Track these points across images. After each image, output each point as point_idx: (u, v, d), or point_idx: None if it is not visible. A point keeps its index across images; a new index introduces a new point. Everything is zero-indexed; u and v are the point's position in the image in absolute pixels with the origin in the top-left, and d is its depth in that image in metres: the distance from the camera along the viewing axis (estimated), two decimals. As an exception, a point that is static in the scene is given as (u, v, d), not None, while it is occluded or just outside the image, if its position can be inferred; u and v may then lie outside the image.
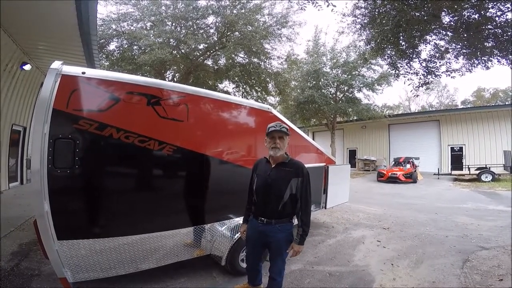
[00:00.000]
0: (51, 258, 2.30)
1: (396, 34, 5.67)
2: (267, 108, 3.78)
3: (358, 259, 4.07)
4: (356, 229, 5.68)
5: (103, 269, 2.55)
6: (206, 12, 13.05)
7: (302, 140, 4.60)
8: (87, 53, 7.72)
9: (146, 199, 2.79)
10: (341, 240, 4.97)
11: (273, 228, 2.36)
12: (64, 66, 2.36)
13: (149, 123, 2.67)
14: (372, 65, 17.54)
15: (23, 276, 3.13)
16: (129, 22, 13.34)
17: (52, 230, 2.26)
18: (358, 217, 6.75)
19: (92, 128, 2.38)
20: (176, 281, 3.19)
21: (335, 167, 5.32)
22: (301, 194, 2.34)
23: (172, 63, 13.34)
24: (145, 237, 2.73)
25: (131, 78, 2.64)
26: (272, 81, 15.41)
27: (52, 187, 2.23)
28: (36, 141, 2.19)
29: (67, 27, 6.29)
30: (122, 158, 2.62)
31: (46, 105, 2.20)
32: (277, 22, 13.81)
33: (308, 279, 3.39)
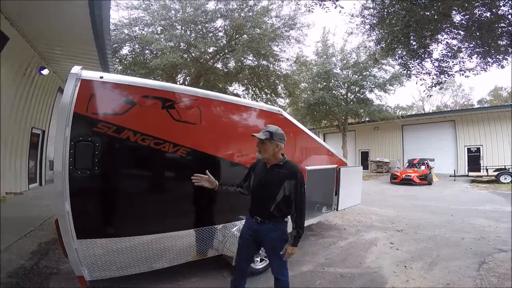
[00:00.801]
0: (70, 257, 2.40)
1: (406, 34, 5.65)
2: (277, 110, 3.85)
3: (370, 261, 4.07)
4: (368, 231, 5.66)
5: (118, 268, 2.63)
6: (214, 15, 13.26)
7: (313, 142, 4.63)
8: (101, 58, 7.98)
9: (161, 200, 2.87)
10: (353, 242, 4.96)
11: (267, 226, 2.40)
12: (83, 71, 2.47)
13: (163, 126, 2.77)
14: (384, 65, 17.37)
15: (42, 275, 3.22)
16: (140, 26, 13.68)
17: (72, 229, 2.36)
18: (371, 219, 6.71)
19: (110, 131, 2.49)
20: (188, 280, 3.27)
21: (347, 169, 5.33)
22: (295, 197, 2.37)
23: (183, 66, 13.58)
24: (159, 237, 2.81)
25: (146, 82, 2.75)
26: (281, 83, 15.47)
27: (72, 188, 2.33)
28: (58, 143, 2.30)
29: (82, 31, 6.53)
30: (138, 160, 2.72)
31: (67, 109, 2.31)
32: (284, 24, 13.91)
33: (318, 281, 3.42)
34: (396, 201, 9.52)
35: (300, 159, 4.25)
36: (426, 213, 7.36)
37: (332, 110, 18.28)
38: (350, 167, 5.69)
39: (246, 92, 16.75)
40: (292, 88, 15.58)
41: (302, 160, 4.28)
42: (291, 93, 15.99)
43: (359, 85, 18.34)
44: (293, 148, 4.14)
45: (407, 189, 12.79)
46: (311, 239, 5.07)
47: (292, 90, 15.74)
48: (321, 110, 19.40)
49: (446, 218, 6.75)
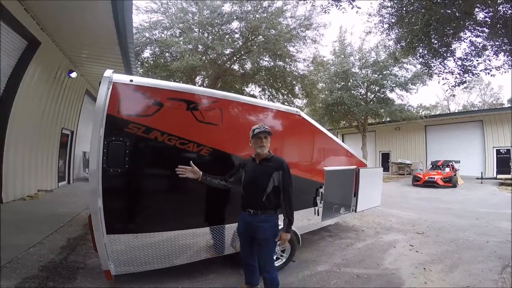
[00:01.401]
0: (99, 251, 2.54)
1: (427, 33, 5.55)
2: (295, 111, 3.93)
3: (388, 262, 4.08)
4: (387, 233, 5.63)
5: (141, 263, 2.76)
6: (230, 17, 13.48)
7: (331, 142, 4.66)
8: (125, 60, 8.31)
9: (184, 198, 3.02)
10: (371, 243, 4.97)
11: (259, 218, 2.62)
12: (114, 74, 2.63)
13: (188, 126, 2.92)
14: (405, 64, 16.96)
15: (70, 269, 3.41)
16: (159, 30, 14.12)
17: (103, 225, 2.51)
18: (391, 221, 6.65)
19: (140, 132, 2.65)
20: (206, 277, 3.37)
21: (366, 170, 5.32)
22: (283, 186, 2.63)
23: (202, 68, 13.88)
24: (181, 233, 2.93)
25: (172, 85, 2.92)
26: (298, 84, 15.47)
27: (105, 185, 2.50)
28: (94, 143, 2.46)
29: (107, 35, 6.87)
30: (165, 159, 2.86)
31: (101, 110, 2.48)
32: (300, 25, 13.93)
33: (334, 280, 3.47)
34: (418, 204, 9.34)
35: (318, 160, 4.29)
36: (449, 216, 7.19)
37: (351, 110, 18.01)
38: (369, 168, 5.66)
39: (262, 93, 16.90)
40: (310, 88, 15.53)
41: (320, 161, 4.32)
42: (308, 93, 15.93)
43: (379, 84, 17.97)
44: (312, 149, 4.19)
45: (430, 192, 12.48)
46: (328, 239, 5.12)
47: (310, 90, 15.68)
48: (339, 111, 19.19)
49: (470, 221, 6.58)
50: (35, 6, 5.95)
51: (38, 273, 3.18)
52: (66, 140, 10.07)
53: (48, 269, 3.30)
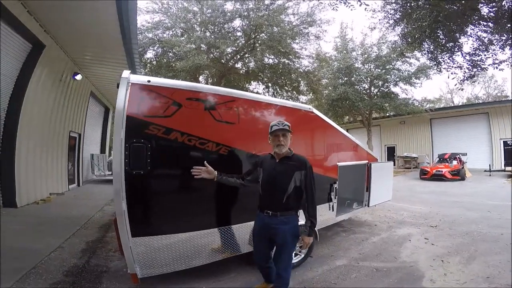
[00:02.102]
0: (126, 255, 2.55)
1: (434, 29, 5.58)
2: (308, 108, 3.98)
3: (405, 255, 4.12)
4: (400, 227, 5.67)
5: (165, 265, 2.76)
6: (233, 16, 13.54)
7: (344, 138, 4.70)
8: (130, 62, 8.30)
9: (204, 198, 3.01)
10: (385, 237, 5.01)
11: (278, 219, 2.47)
12: (131, 75, 2.62)
13: (207, 126, 2.93)
14: (408, 59, 16.99)
15: (94, 273, 3.41)
16: (161, 30, 14.19)
17: (128, 227, 2.51)
18: (402, 215, 6.69)
19: (160, 133, 2.64)
20: (227, 275, 3.38)
21: (377, 165, 5.36)
22: (305, 187, 2.48)
23: (206, 67, 13.93)
24: (205, 233, 2.96)
25: (190, 85, 2.93)
26: (304, 80, 15.50)
27: (128, 188, 2.49)
28: (116, 145, 2.49)
29: (111, 36, 6.86)
30: (186, 159, 2.85)
31: (121, 112, 2.47)
32: (303, 21, 13.96)
33: (354, 274, 3.51)
34: (427, 197, 9.36)
35: (332, 155, 4.33)
36: (460, 209, 7.21)
37: (356, 105, 18.08)
38: (380, 163, 5.72)
39: (266, 90, 16.96)
40: (316, 85, 15.56)
41: (334, 156, 4.36)
42: (314, 90, 15.96)
43: (382, 79, 18.02)
44: (325, 145, 4.23)
45: (438, 185, 12.48)
46: (342, 234, 5.17)
47: (316, 87, 15.72)
48: (343, 106, 19.24)
49: (482, 214, 6.61)
50: (38, 8, 5.91)
51: (63, 278, 3.20)
52: (74, 143, 10.17)
53: (73, 274, 3.34)
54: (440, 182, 13.53)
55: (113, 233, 4.94)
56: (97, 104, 13.36)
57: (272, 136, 2.58)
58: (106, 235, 4.91)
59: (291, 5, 13.88)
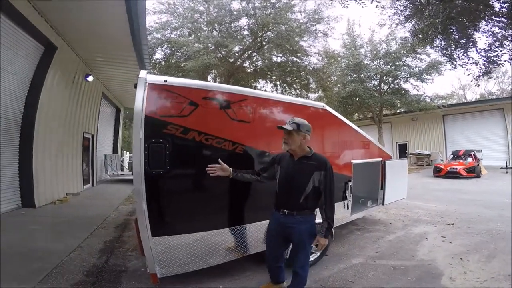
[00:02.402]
0: (146, 254, 2.57)
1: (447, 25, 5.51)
2: (322, 105, 3.96)
3: (422, 253, 4.08)
4: (416, 225, 5.61)
5: (183, 264, 2.78)
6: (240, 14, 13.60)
7: (358, 135, 4.67)
8: (140, 63, 8.37)
9: (221, 196, 3.03)
10: (401, 236, 4.97)
11: (295, 219, 2.44)
12: (148, 76, 2.64)
13: (223, 125, 2.95)
14: (418, 55, 16.87)
15: (113, 272, 3.44)
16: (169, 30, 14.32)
17: (148, 227, 2.53)
18: (417, 213, 6.61)
19: (178, 132, 2.67)
20: (243, 274, 3.38)
21: (392, 162, 5.32)
22: (324, 188, 2.44)
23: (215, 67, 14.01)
24: (223, 231, 2.98)
25: (204, 84, 2.95)
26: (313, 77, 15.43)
27: (148, 187, 2.51)
28: (136, 145, 2.51)
29: (121, 37, 6.91)
30: (203, 158, 2.85)
31: (140, 112, 2.49)
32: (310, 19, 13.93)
33: (371, 272, 3.49)
34: (442, 195, 9.23)
35: (346, 153, 4.31)
36: (477, 207, 7.08)
37: (366, 102, 17.93)
38: (395, 160, 5.67)
39: (274, 89, 16.96)
40: (326, 82, 15.48)
41: (348, 154, 4.34)
42: (324, 87, 15.88)
43: (392, 75, 17.83)
44: (339, 143, 4.22)
45: (453, 183, 12.27)
46: (356, 233, 5.14)
47: (327, 84, 15.64)
48: (353, 103, 19.09)
49: (500, 212, 6.47)
50: (48, 10, 5.99)
51: (84, 278, 3.26)
52: (88, 144, 10.37)
53: (93, 273, 3.39)
54: (455, 179, 13.29)
55: (129, 233, 5.07)
56: (109, 105, 13.58)
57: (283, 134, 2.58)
58: (122, 235, 4.99)
59: (297, 3, 13.92)
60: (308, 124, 2.53)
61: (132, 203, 7.87)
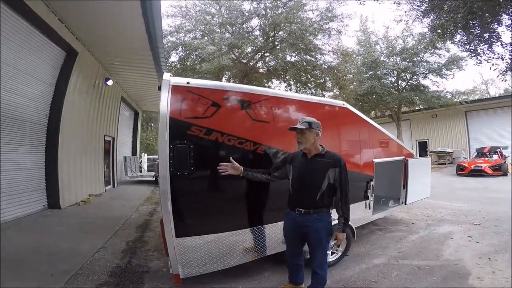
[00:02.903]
0: (171, 255, 2.59)
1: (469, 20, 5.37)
2: (342, 104, 3.94)
3: (448, 253, 4.01)
4: (440, 225, 5.50)
5: (205, 264, 2.80)
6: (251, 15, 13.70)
7: (379, 133, 4.62)
8: (157, 66, 8.48)
9: (243, 197, 3.05)
10: (425, 235, 4.89)
11: (312, 217, 2.46)
12: (172, 78, 2.67)
13: (244, 126, 2.99)
14: (438, 50, 16.50)
15: (136, 273, 3.51)
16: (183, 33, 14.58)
17: (172, 228, 2.56)
18: (441, 213, 6.46)
19: (202, 134, 2.71)
20: (261, 275, 3.38)
21: (414, 160, 5.23)
22: (340, 185, 2.47)
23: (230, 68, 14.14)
24: (244, 232, 3.00)
25: (225, 85, 3.03)
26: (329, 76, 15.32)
27: (173, 188, 2.55)
28: (161, 147, 2.55)
29: (137, 41, 6.97)
30: (226, 159, 2.79)
31: (165, 114, 2.55)
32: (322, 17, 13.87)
33: (395, 272, 3.46)
34: (467, 194, 8.97)
35: (368, 152, 4.27)
36: (506, 207, 6.80)
37: (384, 99, 17.64)
38: (418, 159, 5.58)
39: (288, 88, 16.93)
40: (343, 80, 15.33)
41: (370, 153, 4.29)
42: (341, 85, 15.72)
43: (410, 71, 17.48)
44: (360, 141, 4.19)
45: (478, 181, 11.87)
46: (377, 233, 5.09)
47: (344, 82, 15.49)
48: (370, 101, 18.83)
49: (530, 210, 6.24)
50: (68, 16, 6.15)
51: (108, 279, 3.33)
52: (108, 147, 10.73)
53: (116, 274, 3.47)
54: (480, 178, 12.85)
55: (150, 233, 5.22)
56: (127, 108, 13.96)
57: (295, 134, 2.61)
58: (144, 235, 5.12)
59: (308, 2, 13.87)
60: (318, 122, 2.59)
61: (151, 204, 8.11)
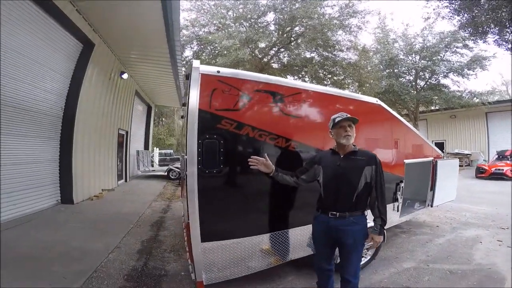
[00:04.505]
0: (196, 261, 2.41)
1: None
2: (375, 100, 3.84)
3: (479, 258, 3.96)
4: (466, 228, 5.43)
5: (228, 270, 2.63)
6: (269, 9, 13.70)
7: (410, 132, 4.52)
8: (172, 60, 8.33)
9: (274, 198, 2.88)
10: (452, 239, 4.83)
11: (347, 221, 2.31)
12: (202, 66, 2.47)
13: (276, 120, 2.81)
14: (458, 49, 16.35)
15: (153, 277, 3.37)
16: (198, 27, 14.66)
17: (198, 232, 2.38)
18: (465, 216, 6.38)
19: (232, 128, 2.52)
20: (285, 279, 3.33)
21: (443, 162, 5.15)
22: (376, 183, 2.34)
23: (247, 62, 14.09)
24: (271, 235, 2.84)
25: (257, 76, 2.81)
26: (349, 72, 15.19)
27: (200, 189, 2.36)
28: (191, 142, 2.35)
29: (155, 33, 6.89)
30: (258, 156, 2.64)
31: (194, 105, 2.36)
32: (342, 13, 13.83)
33: (427, 277, 3.42)
34: (489, 197, 8.83)
35: (399, 151, 4.16)
36: (532, 211, 6.74)
37: (402, 98, 17.48)
38: (447, 160, 5.51)
39: (304, 84, 16.87)
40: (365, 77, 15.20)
41: (400, 153, 4.18)
42: (362, 82, 15.58)
43: (430, 70, 17.26)
44: (392, 140, 4.07)
45: (499, 185, 11.68)
46: (402, 236, 5.04)
47: (365, 79, 15.35)
48: (388, 99, 18.67)
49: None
50: (85, 7, 6.11)
51: (124, 283, 3.19)
52: (122, 140, 10.82)
53: (133, 278, 3.33)
54: (501, 181, 12.66)
55: (164, 232, 5.16)
56: (141, 102, 14.11)
57: (336, 128, 2.40)
58: (158, 234, 5.04)
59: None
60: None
61: (164, 200, 8.15)
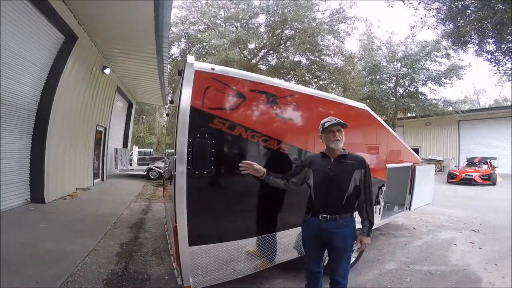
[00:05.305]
0: (183, 265, 2.34)
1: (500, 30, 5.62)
2: (362, 106, 3.99)
3: (455, 259, 4.20)
4: (440, 231, 5.74)
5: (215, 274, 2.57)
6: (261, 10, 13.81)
7: (393, 138, 4.71)
8: (159, 56, 8.09)
9: (264, 201, 2.85)
10: (428, 241, 5.08)
11: (337, 223, 2.36)
12: (196, 62, 2.40)
13: (269, 122, 2.80)
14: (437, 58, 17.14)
15: (135, 281, 3.24)
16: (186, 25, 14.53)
17: (186, 236, 2.32)
18: (439, 219, 6.74)
19: (225, 128, 2.48)
20: (273, 282, 3.33)
21: (421, 167, 5.40)
22: (364, 186, 2.41)
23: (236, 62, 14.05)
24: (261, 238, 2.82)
25: (251, 75, 2.78)
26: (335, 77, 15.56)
27: (189, 191, 2.30)
28: (180, 141, 2.28)
29: (143, 28, 6.57)
30: (249, 158, 2.63)
31: (186, 103, 2.29)
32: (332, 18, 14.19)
33: (409, 278, 3.58)
34: (460, 202, 9.37)
35: (382, 156, 4.34)
36: (499, 214, 7.22)
37: (382, 104, 18.10)
38: (424, 166, 5.80)
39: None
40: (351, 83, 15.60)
41: (384, 157, 4.37)
42: (347, 87, 15.96)
43: (410, 78, 18.01)
44: (377, 145, 4.24)
45: (469, 189, 12.44)
46: (382, 238, 5.24)
47: (349, 85, 15.76)
48: (369, 105, 19.26)
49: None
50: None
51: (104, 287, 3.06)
52: (100, 137, 10.46)
53: (113, 282, 3.18)
54: (470, 186, 13.49)
55: (145, 234, 5.01)
56: (122, 98, 13.70)
57: (326, 133, 2.44)
58: (138, 236, 4.90)
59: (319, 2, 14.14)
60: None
61: (143, 201, 7.95)
